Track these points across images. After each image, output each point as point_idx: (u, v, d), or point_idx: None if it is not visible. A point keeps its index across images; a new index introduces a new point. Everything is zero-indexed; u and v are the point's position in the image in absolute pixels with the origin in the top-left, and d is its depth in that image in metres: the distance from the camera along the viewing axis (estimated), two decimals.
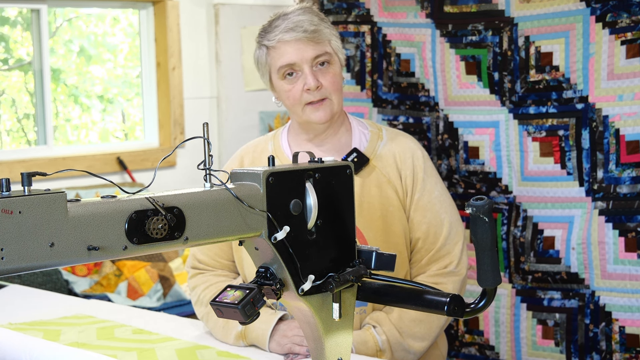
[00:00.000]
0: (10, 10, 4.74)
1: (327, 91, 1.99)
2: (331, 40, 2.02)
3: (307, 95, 1.98)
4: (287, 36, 1.96)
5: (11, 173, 4.36)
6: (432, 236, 2.06)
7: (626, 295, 2.55)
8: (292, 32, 1.96)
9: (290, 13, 2.01)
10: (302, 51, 1.96)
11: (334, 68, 2.01)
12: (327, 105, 2.00)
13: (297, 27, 1.96)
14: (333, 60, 2.01)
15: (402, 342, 1.98)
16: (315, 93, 1.98)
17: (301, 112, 2.01)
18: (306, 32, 1.96)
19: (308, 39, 1.96)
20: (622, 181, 2.55)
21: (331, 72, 2.00)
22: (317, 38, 1.97)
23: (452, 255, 2.07)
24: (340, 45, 2.06)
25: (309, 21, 1.98)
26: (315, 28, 1.97)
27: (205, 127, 1.33)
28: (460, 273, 2.08)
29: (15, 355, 1.71)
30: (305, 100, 1.99)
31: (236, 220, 1.31)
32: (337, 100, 2.02)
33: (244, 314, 1.32)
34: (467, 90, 2.81)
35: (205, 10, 5.27)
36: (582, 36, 2.57)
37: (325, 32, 2.00)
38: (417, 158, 2.10)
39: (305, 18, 1.98)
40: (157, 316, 2.31)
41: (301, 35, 1.96)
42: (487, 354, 2.84)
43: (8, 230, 1.08)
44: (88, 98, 5.17)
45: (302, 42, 1.96)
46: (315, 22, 1.99)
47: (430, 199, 2.07)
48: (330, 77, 1.99)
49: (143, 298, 4.24)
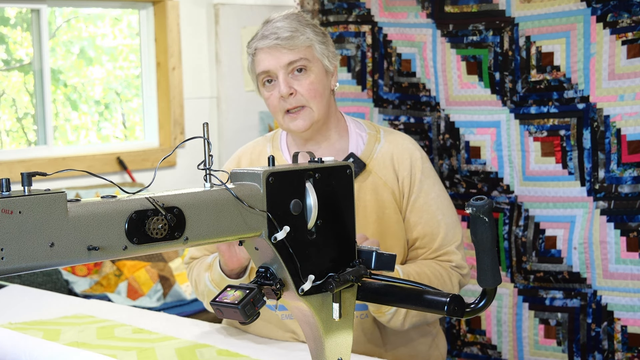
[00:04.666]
0: (10, 11, 4.74)
1: (303, 99, 1.95)
2: (313, 45, 1.97)
3: (283, 102, 1.95)
4: (261, 43, 1.94)
5: (11, 173, 4.35)
6: (428, 236, 2.05)
7: (628, 295, 2.55)
8: (266, 40, 1.94)
9: (273, 20, 1.98)
10: (277, 58, 1.94)
11: (312, 75, 1.96)
12: (305, 114, 1.97)
13: (272, 34, 1.94)
14: (312, 66, 1.96)
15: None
16: (291, 100, 1.95)
17: (282, 120, 1.99)
18: (279, 39, 1.93)
19: (281, 46, 1.93)
20: (624, 181, 2.55)
21: (308, 79, 1.95)
22: (291, 45, 1.93)
23: (452, 255, 2.06)
24: (328, 51, 2.01)
25: (287, 27, 1.95)
26: (290, 35, 1.94)
27: (205, 127, 1.33)
28: (462, 271, 2.08)
29: (15, 355, 1.71)
30: (282, 107, 1.96)
31: (236, 220, 1.31)
32: (317, 108, 1.97)
33: (244, 314, 1.32)
34: (468, 90, 2.80)
35: (205, 10, 5.27)
36: (583, 36, 2.57)
37: (302, 39, 1.95)
38: (415, 159, 2.08)
39: (283, 24, 1.95)
40: (157, 316, 2.31)
41: (273, 42, 1.93)
42: (489, 353, 2.84)
43: (8, 230, 1.08)
44: (86, 104, 5.17)
45: (276, 49, 1.93)
46: (294, 27, 1.95)
47: (427, 200, 2.06)
48: (307, 84, 1.95)
49: (143, 298, 4.24)
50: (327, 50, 2.01)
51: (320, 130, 2.05)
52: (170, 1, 5.05)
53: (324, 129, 2.06)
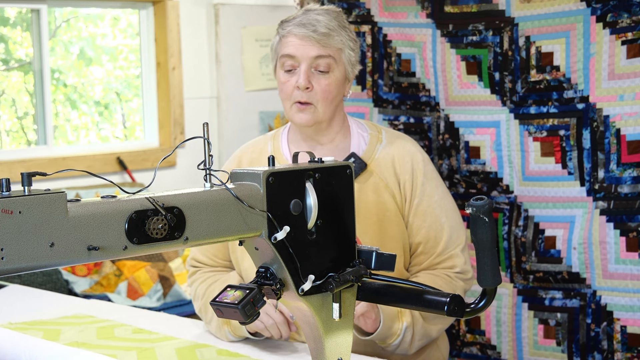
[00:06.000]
0: (10, 11, 4.74)
1: (315, 97, 1.97)
2: (343, 49, 1.99)
3: (297, 93, 1.97)
4: (297, 30, 1.95)
5: (11, 173, 4.36)
6: (432, 240, 2.05)
7: (627, 295, 2.55)
8: (303, 28, 1.95)
9: (313, 10, 1.99)
10: (306, 48, 1.95)
11: (332, 77, 1.97)
12: (310, 111, 1.98)
13: (310, 25, 1.95)
14: (335, 68, 1.98)
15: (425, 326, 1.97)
16: (303, 94, 1.96)
17: (289, 109, 2.00)
18: (315, 32, 1.94)
19: (315, 40, 1.94)
20: (623, 181, 2.55)
21: (327, 81, 1.97)
22: (324, 41, 1.95)
23: (456, 259, 2.06)
24: (354, 59, 2.02)
25: (326, 24, 1.96)
26: (327, 32, 1.95)
27: (205, 127, 1.33)
28: (466, 276, 2.07)
29: (15, 355, 1.71)
30: (294, 98, 1.98)
31: (236, 220, 1.31)
32: (323, 109, 1.98)
33: (244, 314, 1.32)
34: (467, 90, 2.80)
35: (205, 10, 5.27)
36: (582, 36, 2.57)
37: (337, 40, 1.97)
38: (417, 162, 2.08)
39: (323, 19, 1.96)
40: (157, 316, 2.31)
41: (310, 33, 1.94)
42: (488, 353, 2.84)
43: (8, 230, 1.08)
44: (85, 104, 5.16)
45: (309, 40, 1.95)
46: (332, 26, 1.96)
47: (430, 204, 2.06)
48: (324, 85, 1.96)
49: (143, 298, 4.24)
50: (354, 58, 2.03)
51: (323, 130, 2.06)
52: (170, 1, 5.05)
53: (328, 130, 2.06)
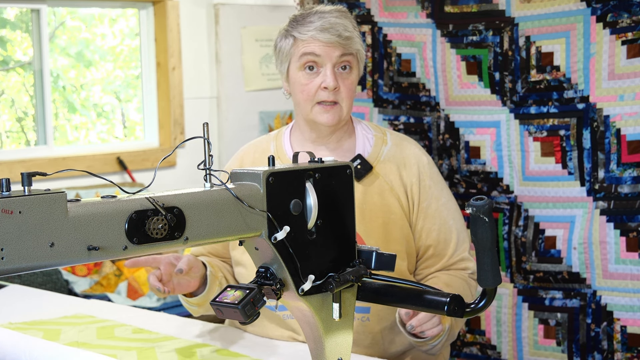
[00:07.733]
0: (10, 11, 4.74)
1: (341, 96, 1.98)
2: (359, 50, 2.01)
3: (322, 93, 1.96)
4: (321, 36, 1.95)
5: (11, 173, 4.35)
6: (442, 243, 2.05)
7: (627, 295, 2.55)
8: (327, 33, 1.94)
9: (327, 13, 1.99)
10: (330, 49, 1.95)
11: (354, 76, 2.01)
12: (336, 110, 1.99)
13: (333, 29, 1.95)
14: (355, 67, 2.01)
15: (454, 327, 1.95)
16: (330, 94, 1.96)
17: (309, 110, 1.99)
18: (340, 37, 1.95)
19: (340, 44, 1.95)
20: (623, 181, 2.55)
21: (350, 79, 2.00)
22: (348, 45, 1.97)
23: (467, 261, 2.07)
24: (364, 58, 2.06)
25: (345, 27, 1.97)
26: (349, 35, 1.97)
27: (205, 127, 1.33)
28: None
29: (15, 355, 1.71)
30: (319, 98, 1.97)
31: (236, 220, 1.31)
32: (347, 108, 2.01)
33: (244, 314, 1.32)
34: (468, 90, 2.80)
35: (205, 10, 5.27)
36: (582, 36, 2.57)
37: (357, 42, 2.00)
38: (423, 165, 2.08)
39: (342, 22, 1.97)
40: (157, 316, 2.31)
41: (335, 38, 1.94)
42: (488, 353, 2.84)
43: (8, 230, 1.08)
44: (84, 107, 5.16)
45: (333, 45, 1.95)
46: (350, 29, 1.98)
47: (438, 206, 2.06)
48: (349, 83, 1.99)
49: (143, 298, 4.24)
50: (364, 58, 2.06)
51: (337, 128, 2.06)
52: (170, 1, 5.05)
53: (337, 131, 2.07)
